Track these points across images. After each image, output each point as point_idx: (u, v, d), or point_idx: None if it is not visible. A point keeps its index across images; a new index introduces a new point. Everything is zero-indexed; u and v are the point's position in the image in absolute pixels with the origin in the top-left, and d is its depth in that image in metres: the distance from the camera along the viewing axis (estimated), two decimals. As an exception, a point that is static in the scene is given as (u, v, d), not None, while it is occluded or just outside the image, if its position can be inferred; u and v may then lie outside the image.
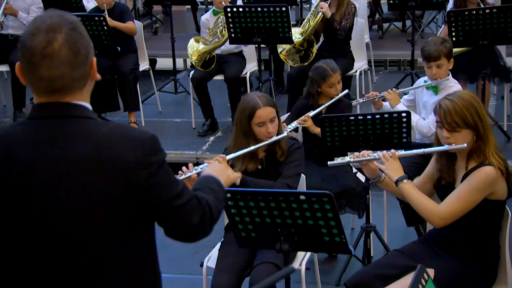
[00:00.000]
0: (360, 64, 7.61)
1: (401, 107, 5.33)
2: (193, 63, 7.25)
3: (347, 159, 3.97)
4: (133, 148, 2.31)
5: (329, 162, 4.03)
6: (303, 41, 7.17)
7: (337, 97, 5.31)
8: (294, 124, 5.14)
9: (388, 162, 3.82)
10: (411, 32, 8.42)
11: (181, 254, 5.48)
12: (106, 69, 7.48)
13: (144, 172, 2.31)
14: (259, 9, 6.61)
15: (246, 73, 7.43)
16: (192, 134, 7.43)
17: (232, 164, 4.12)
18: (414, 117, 5.22)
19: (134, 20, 7.82)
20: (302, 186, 4.41)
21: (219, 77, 7.38)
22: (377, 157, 3.87)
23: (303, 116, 5.19)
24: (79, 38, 2.27)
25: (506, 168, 3.72)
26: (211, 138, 7.31)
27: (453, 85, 5.27)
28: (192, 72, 7.44)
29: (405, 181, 3.78)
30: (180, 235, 2.50)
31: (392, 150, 3.88)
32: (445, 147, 3.76)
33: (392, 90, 5.43)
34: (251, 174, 4.14)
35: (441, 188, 3.92)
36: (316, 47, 7.22)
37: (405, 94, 5.68)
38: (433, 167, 3.98)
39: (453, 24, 6.39)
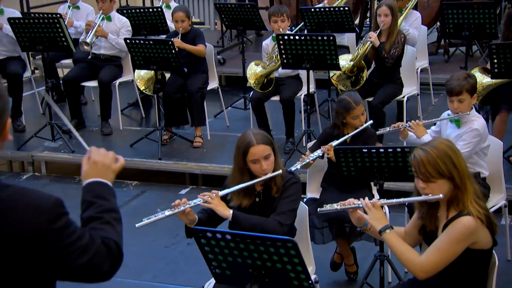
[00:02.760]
0: (409, 90, 6.95)
1: (427, 138, 4.73)
2: (251, 85, 6.80)
3: (334, 206, 3.47)
4: (34, 215, 1.97)
5: (318, 209, 3.57)
6: (352, 67, 6.59)
7: (360, 128, 4.77)
8: (317, 152, 4.70)
9: (371, 212, 3.31)
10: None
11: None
12: (177, 87, 7.21)
13: (45, 241, 1.98)
14: (308, 37, 6.17)
15: (301, 95, 6.88)
16: (250, 149, 6.96)
17: (229, 198, 3.68)
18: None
19: (206, 44, 7.41)
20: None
21: (276, 98, 6.87)
22: (361, 205, 3.35)
23: (327, 145, 4.66)
24: None
25: (487, 217, 3.13)
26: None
27: (475, 119, 4.62)
28: (251, 93, 6.96)
29: (388, 231, 3.26)
30: (94, 281, 2.15)
31: (374, 200, 3.36)
32: (422, 198, 3.23)
33: (416, 121, 4.81)
34: (246, 209, 3.66)
35: (426, 235, 3.36)
36: (366, 72, 6.65)
37: (434, 124, 5.02)
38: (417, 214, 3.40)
39: (495, 56, 5.68)
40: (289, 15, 6.90)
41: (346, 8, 7.33)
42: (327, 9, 7.42)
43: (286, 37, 6.22)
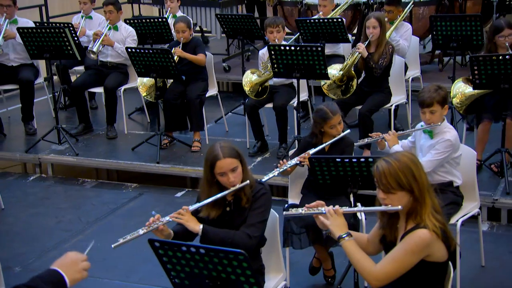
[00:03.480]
0: (398, 98, 6.79)
1: (397, 148, 4.63)
2: (246, 92, 6.68)
3: (299, 210, 3.32)
4: None
5: (284, 213, 3.44)
6: (341, 76, 6.46)
7: (337, 138, 4.62)
8: (294, 160, 4.55)
9: (333, 218, 3.17)
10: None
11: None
12: (178, 94, 7.12)
13: None
14: (297, 48, 6.02)
15: (294, 103, 6.75)
16: (245, 154, 6.83)
17: (198, 210, 3.55)
18: (410, 159, 4.47)
19: (206, 53, 7.31)
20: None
21: (270, 105, 6.75)
22: (324, 211, 3.21)
23: (303, 154, 4.53)
24: None
25: (443, 231, 2.98)
26: (258, 159, 6.72)
27: (448, 131, 4.47)
28: (247, 100, 6.85)
29: (346, 238, 3.11)
30: None
31: (337, 207, 3.22)
32: (381, 208, 3.09)
33: (392, 132, 4.68)
34: (215, 219, 3.53)
35: (386, 245, 3.22)
36: (356, 81, 6.50)
37: (410, 135, 4.88)
38: (379, 224, 3.26)
39: (476, 68, 5.51)
40: (284, 26, 6.79)
41: (339, 20, 7.19)
42: (321, 20, 7.29)
43: (277, 48, 6.08)
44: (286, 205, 4.71)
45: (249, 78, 6.71)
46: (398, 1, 7.42)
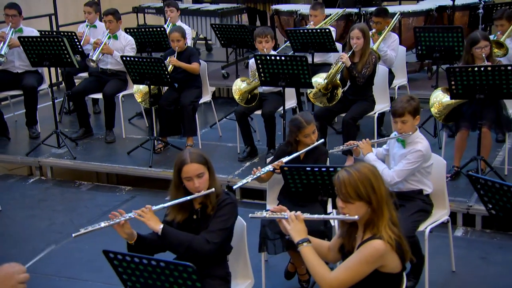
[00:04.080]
0: (381, 106, 6.68)
1: (371, 155, 4.52)
2: (236, 100, 6.59)
3: (264, 214, 3.25)
4: None
5: (250, 215, 3.33)
6: (326, 85, 6.35)
7: (311, 146, 4.53)
8: (268, 168, 4.46)
9: (293, 224, 3.09)
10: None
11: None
12: (172, 101, 7.05)
13: None
14: (282, 58, 5.94)
15: (281, 110, 6.64)
16: (235, 159, 6.76)
17: (167, 213, 3.50)
18: (381, 166, 4.44)
19: (201, 61, 7.24)
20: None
21: (259, 112, 6.65)
22: (287, 216, 3.12)
23: (277, 161, 4.44)
24: None
25: (397, 243, 2.89)
26: (247, 164, 6.63)
27: (420, 141, 4.36)
28: (237, 107, 6.76)
29: (304, 244, 3.04)
30: None
31: (298, 213, 3.14)
32: (338, 217, 3.05)
33: (366, 140, 4.57)
34: (181, 224, 3.45)
35: (344, 254, 3.13)
36: (341, 90, 6.40)
37: (385, 143, 4.76)
38: (338, 233, 3.17)
39: (452, 79, 5.40)
40: (273, 36, 6.69)
41: (327, 30, 7.09)
42: (310, 30, 7.20)
43: (263, 57, 6.00)
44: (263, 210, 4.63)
45: (238, 86, 6.63)
46: (385, 12, 7.31)
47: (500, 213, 3.27)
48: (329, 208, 4.49)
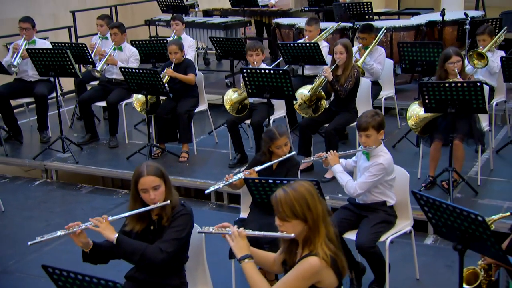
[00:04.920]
0: (364, 118, 6.51)
1: (337, 167, 4.40)
2: (227, 109, 6.51)
3: (210, 229, 3.12)
4: None
5: (198, 230, 3.24)
6: (310, 97, 6.24)
7: (282, 158, 4.43)
8: (239, 175, 4.33)
9: (236, 240, 3.00)
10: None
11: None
12: (169, 109, 6.97)
13: None
14: (266, 71, 5.85)
15: (271, 119, 6.54)
16: (227, 165, 6.67)
17: (126, 223, 3.43)
18: (346, 178, 4.34)
19: (197, 72, 7.16)
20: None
21: (249, 121, 6.56)
22: (230, 232, 3.02)
23: (249, 170, 4.34)
24: None
25: (333, 259, 2.79)
26: (236, 170, 6.40)
27: (383, 155, 4.24)
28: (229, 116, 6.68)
29: (246, 260, 2.94)
30: None
31: (241, 229, 3.03)
32: (275, 234, 2.94)
33: (333, 152, 4.44)
34: (141, 234, 3.38)
35: (286, 270, 3.02)
36: (325, 101, 6.28)
37: (353, 155, 4.62)
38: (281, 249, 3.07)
39: (426, 93, 5.26)
40: (263, 49, 6.60)
41: (316, 44, 6.97)
42: (299, 44, 7.09)
43: (249, 71, 5.92)
44: (236, 219, 4.56)
45: (229, 96, 6.56)
46: (371, 28, 7.17)
47: (443, 228, 3.14)
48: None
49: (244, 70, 5.93)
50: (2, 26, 9.76)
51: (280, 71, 5.77)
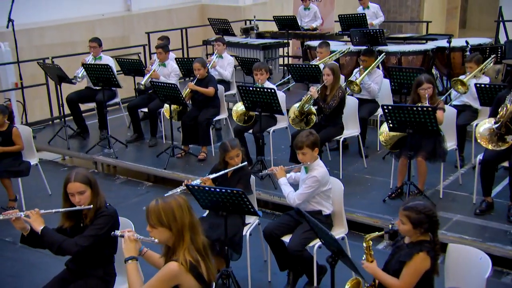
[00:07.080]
0: (350, 131, 6.18)
1: (282, 180, 4.17)
2: (234, 120, 6.39)
3: (117, 233, 2.99)
4: None
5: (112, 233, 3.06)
6: (298, 112, 5.98)
7: (234, 168, 4.26)
8: (197, 181, 4.18)
9: (126, 243, 2.87)
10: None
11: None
12: (192, 117, 6.92)
13: None
14: (257, 89, 5.75)
15: (272, 130, 6.34)
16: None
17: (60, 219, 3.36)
18: (288, 189, 4.10)
19: (218, 86, 7.06)
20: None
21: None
22: (125, 235, 2.90)
23: (205, 177, 4.20)
24: None
25: (193, 265, 2.63)
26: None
27: (317, 168, 4.00)
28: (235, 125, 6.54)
29: (130, 261, 2.82)
30: None
31: (136, 234, 2.89)
32: (146, 238, 2.79)
33: (280, 167, 4.20)
34: (72, 229, 3.31)
35: None
36: (315, 116, 6.05)
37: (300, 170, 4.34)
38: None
39: (388, 115, 4.88)
40: (267, 70, 6.40)
41: (317, 65, 6.68)
42: (303, 65, 6.84)
43: (244, 88, 5.77)
44: (199, 217, 4.41)
45: (236, 108, 6.42)
46: (372, 53, 6.78)
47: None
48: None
49: (240, 88, 5.77)
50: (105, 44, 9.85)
51: (269, 89, 5.57)
